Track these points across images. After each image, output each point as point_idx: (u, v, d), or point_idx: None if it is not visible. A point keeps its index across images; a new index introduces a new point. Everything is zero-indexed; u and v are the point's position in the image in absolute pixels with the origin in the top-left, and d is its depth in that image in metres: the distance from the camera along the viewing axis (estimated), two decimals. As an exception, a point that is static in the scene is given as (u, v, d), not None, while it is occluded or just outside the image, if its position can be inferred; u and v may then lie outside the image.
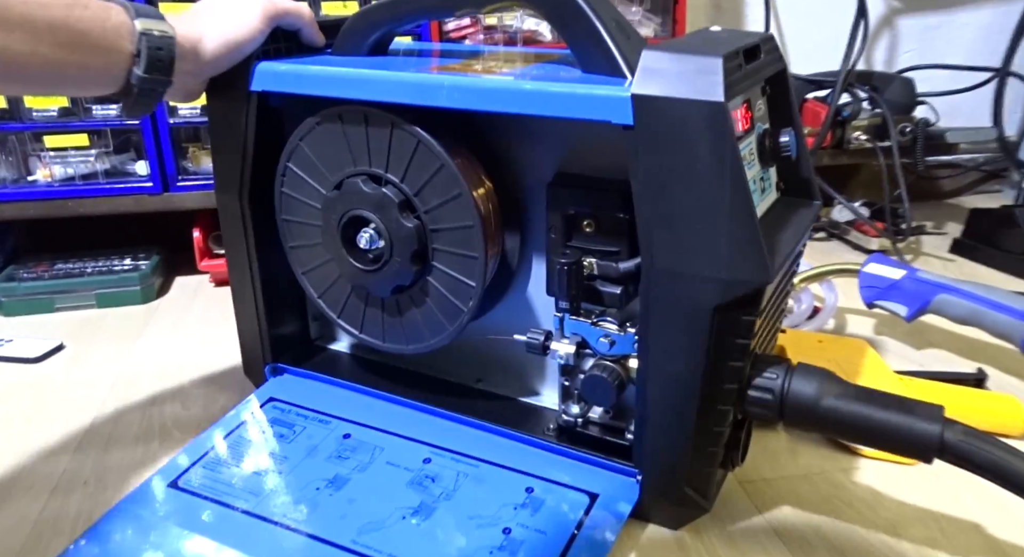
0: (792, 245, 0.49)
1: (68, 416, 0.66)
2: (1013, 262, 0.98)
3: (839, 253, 1.08)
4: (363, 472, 0.55)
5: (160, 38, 0.49)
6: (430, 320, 0.57)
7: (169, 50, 0.49)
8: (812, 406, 0.46)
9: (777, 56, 0.53)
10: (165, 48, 0.49)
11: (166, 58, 0.49)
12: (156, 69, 0.49)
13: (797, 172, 0.55)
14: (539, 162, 0.54)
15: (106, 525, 0.51)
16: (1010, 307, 0.66)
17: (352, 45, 0.57)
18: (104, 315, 0.87)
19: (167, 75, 0.50)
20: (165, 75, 0.50)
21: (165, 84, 0.50)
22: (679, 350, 0.46)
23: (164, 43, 0.49)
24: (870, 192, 1.21)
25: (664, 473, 0.50)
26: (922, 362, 0.75)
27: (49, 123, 0.86)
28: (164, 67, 0.49)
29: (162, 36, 0.49)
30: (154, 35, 0.48)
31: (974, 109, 1.22)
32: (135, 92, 0.49)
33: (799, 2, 1.21)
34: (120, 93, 0.50)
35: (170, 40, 0.49)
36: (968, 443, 0.43)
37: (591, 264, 0.51)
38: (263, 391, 0.65)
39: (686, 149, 0.42)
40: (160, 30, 0.49)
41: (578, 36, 0.48)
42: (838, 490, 0.56)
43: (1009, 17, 1.18)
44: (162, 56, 0.49)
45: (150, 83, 0.49)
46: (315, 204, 0.58)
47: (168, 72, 0.50)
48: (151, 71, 0.49)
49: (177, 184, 0.89)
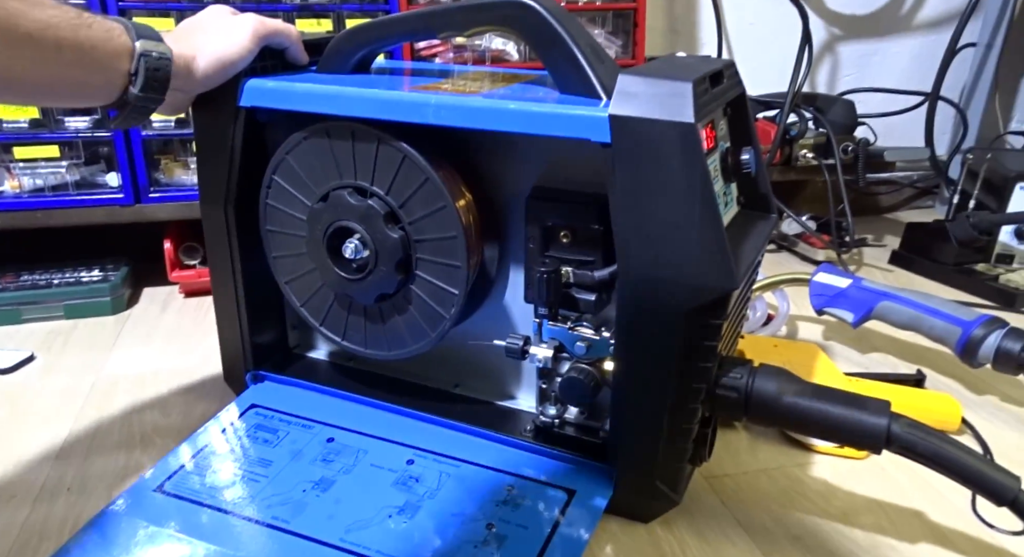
0: (754, 254, 0.53)
1: (45, 425, 0.66)
2: (945, 272, 1.05)
3: (789, 264, 1.14)
4: (348, 474, 0.57)
5: (158, 59, 0.50)
6: (412, 327, 0.60)
7: (165, 70, 0.51)
8: (774, 403, 0.50)
9: (737, 80, 0.57)
10: (162, 69, 0.51)
11: (162, 78, 0.51)
12: (152, 88, 0.51)
13: (756, 187, 0.60)
14: (518, 176, 0.57)
15: (93, 531, 0.51)
16: (946, 313, 0.72)
17: (337, 63, 0.60)
18: (73, 326, 0.87)
19: (161, 93, 0.52)
20: (159, 93, 0.52)
21: (158, 101, 0.52)
22: (652, 352, 0.50)
23: (161, 64, 0.51)
24: (816, 206, 1.28)
25: (637, 469, 0.54)
26: (867, 364, 0.81)
27: (19, 134, 0.85)
28: (159, 86, 0.51)
29: (160, 57, 0.51)
30: (152, 56, 0.50)
31: (908, 130, 1.30)
32: (129, 108, 0.51)
33: (749, 28, 1.28)
34: (114, 106, 0.52)
35: (167, 61, 0.51)
36: (913, 434, 0.47)
37: (568, 273, 0.54)
38: (245, 398, 0.66)
39: (660, 165, 0.46)
40: (159, 51, 0.51)
41: (557, 60, 0.51)
42: (795, 483, 0.60)
43: (938, 45, 1.27)
44: (158, 76, 0.51)
45: (144, 101, 0.51)
46: (300, 215, 0.60)
47: (162, 90, 0.51)
48: (147, 90, 0.51)
49: (149, 196, 0.89)
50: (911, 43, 1.37)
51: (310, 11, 0.89)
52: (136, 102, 0.51)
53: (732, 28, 1.27)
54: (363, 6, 0.91)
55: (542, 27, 0.50)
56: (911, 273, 1.10)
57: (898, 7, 1.34)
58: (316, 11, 0.90)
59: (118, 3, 0.84)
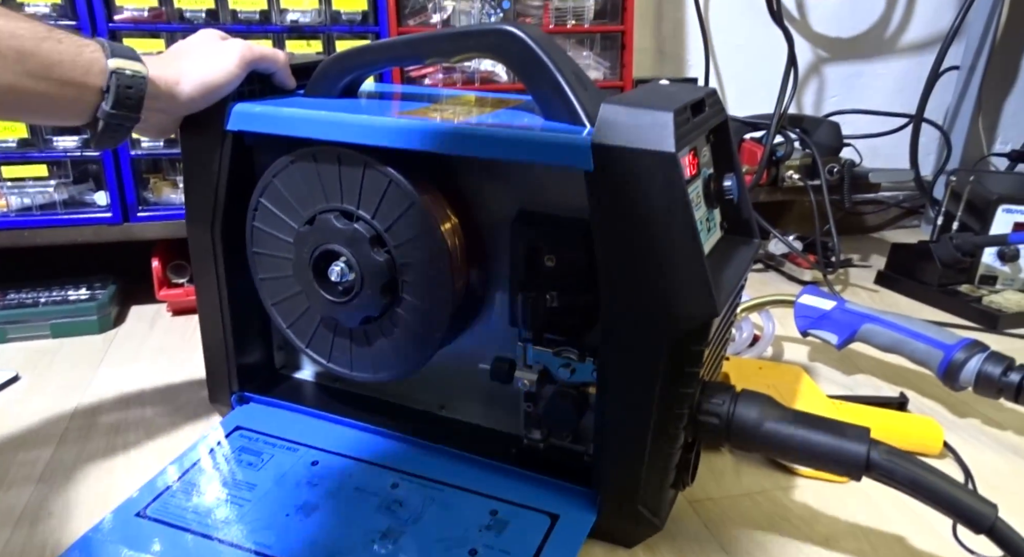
0: (736, 280, 0.54)
1: (29, 447, 0.66)
2: (929, 293, 1.06)
3: (775, 284, 1.15)
4: (332, 498, 0.57)
5: (131, 77, 0.51)
6: (398, 349, 0.60)
7: (139, 89, 0.51)
8: (755, 429, 0.50)
9: (719, 108, 0.58)
10: (135, 87, 0.51)
11: (135, 96, 0.51)
12: (124, 106, 0.51)
13: (739, 213, 0.60)
14: (504, 200, 0.57)
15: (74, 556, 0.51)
16: (928, 337, 0.72)
17: (325, 87, 0.60)
18: (60, 345, 0.86)
19: (135, 112, 0.52)
20: (133, 112, 0.52)
21: (132, 120, 0.52)
22: (635, 378, 0.50)
23: (134, 82, 0.51)
24: (803, 226, 1.29)
25: (620, 493, 0.54)
26: (852, 386, 0.81)
27: (8, 154, 0.85)
28: (132, 105, 0.51)
29: (134, 75, 0.51)
30: (125, 74, 0.50)
31: (892, 151, 1.32)
32: (100, 126, 0.51)
33: (735, 50, 1.30)
34: (87, 126, 0.52)
35: (141, 80, 0.51)
36: (891, 461, 0.48)
37: (552, 297, 0.55)
38: (229, 419, 0.66)
39: (641, 194, 0.46)
40: (133, 69, 0.51)
41: (541, 87, 0.52)
42: (778, 507, 0.61)
43: (922, 67, 1.28)
44: (131, 94, 0.51)
45: (117, 119, 0.51)
46: (286, 238, 0.60)
47: (136, 109, 0.52)
48: (118, 107, 0.51)
49: (137, 214, 0.90)
50: (896, 66, 1.39)
51: (300, 33, 0.90)
52: (108, 119, 0.51)
53: (719, 50, 1.29)
54: (353, 28, 0.92)
55: (527, 55, 0.51)
56: (896, 293, 1.11)
57: (883, 30, 1.36)
58: (306, 33, 0.90)
59: (108, 24, 0.84)
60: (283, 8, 0.89)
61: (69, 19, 0.83)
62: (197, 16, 0.86)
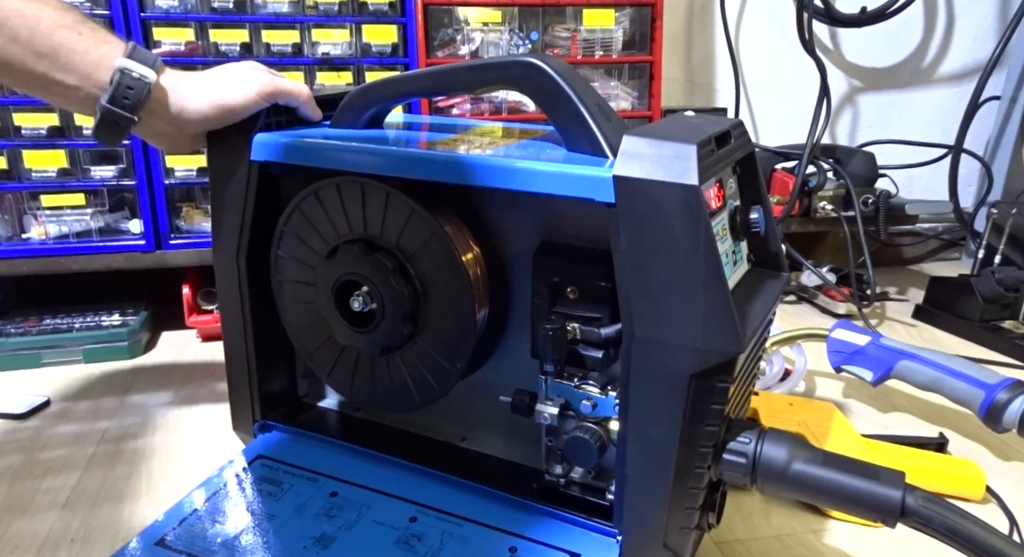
0: (762, 315, 0.52)
1: (55, 473, 0.67)
2: (970, 329, 1.03)
3: (808, 316, 1.12)
4: (350, 531, 0.56)
5: (135, 79, 0.52)
6: (419, 380, 0.59)
7: (139, 91, 0.52)
8: (782, 471, 0.49)
9: (746, 140, 0.57)
10: (136, 89, 0.52)
11: (133, 98, 0.52)
12: (120, 104, 0.52)
13: (766, 246, 0.59)
14: (526, 231, 0.57)
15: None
16: (968, 375, 0.70)
17: (350, 119, 0.61)
18: (91, 370, 0.88)
19: (131, 113, 0.53)
20: (129, 112, 0.53)
21: (128, 120, 0.53)
22: (657, 414, 0.49)
23: (136, 84, 0.52)
24: (836, 258, 1.27)
25: (643, 533, 0.52)
26: (887, 425, 0.78)
27: (47, 183, 0.88)
28: (129, 106, 0.53)
29: (139, 78, 0.52)
30: (131, 75, 0.52)
31: (931, 182, 1.29)
32: (97, 119, 0.53)
33: (767, 79, 1.29)
34: (89, 114, 0.54)
35: (144, 84, 0.53)
36: (928, 509, 0.45)
37: (574, 329, 0.54)
38: (251, 448, 0.66)
39: (663, 227, 0.45)
40: (140, 73, 0.52)
41: (564, 118, 0.52)
42: (809, 551, 0.58)
43: (959, 97, 1.26)
44: (130, 95, 0.52)
45: (112, 115, 0.53)
46: (310, 267, 0.60)
47: (132, 110, 0.53)
48: (114, 104, 0.52)
49: (170, 242, 0.91)
50: (933, 95, 1.36)
51: (331, 65, 0.92)
52: (104, 114, 0.52)
53: (750, 80, 1.28)
54: (383, 60, 0.93)
55: (550, 87, 0.51)
56: (935, 328, 1.08)
57: (919, 60, 1.34)
58: (337, 65, 0.92)
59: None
60: (315, 41, 0.91)
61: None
62: (232, 50, 0.89)
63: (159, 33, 0.88)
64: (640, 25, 1.06)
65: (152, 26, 0.87)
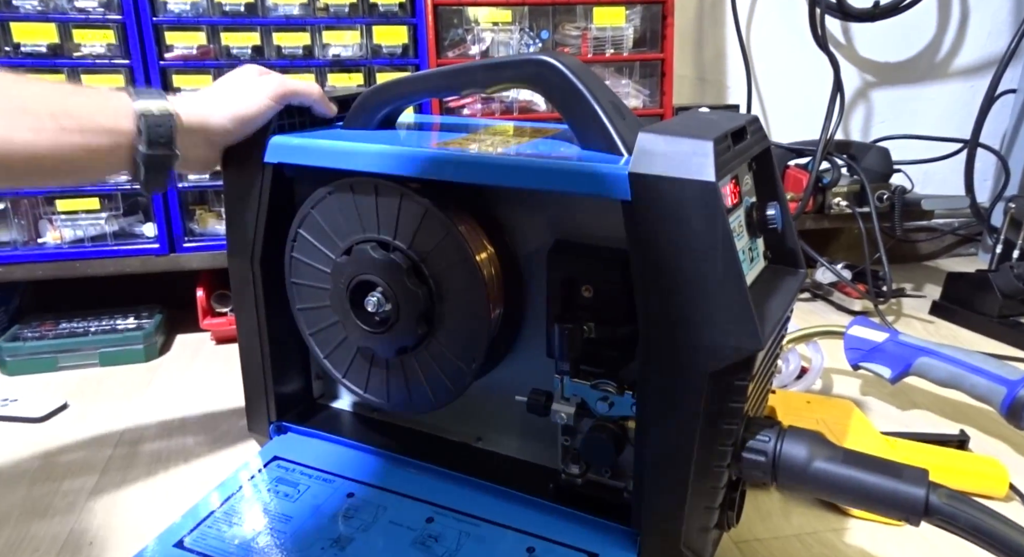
0: (780, 312, 0.52)
1: (74, 476, 0.67)
2: (989, 325, 1.02)
3: (823, 313, 1.11)
4: (367, 532, 0.56)
5: (159, 116, 0.52)
6: (434, 380, 0.59)
7: (168, 125, 0.52)
8: (803, 469, 0.48)
9: (762, 135, 0.57)
10: (164, 124, 0.52)
11: (166, 133, 0.52)
12: (158, 143, 0.52)
13: (783, 242, 0.58)
14: (540, 230, 0.56)
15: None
16: (988, 371, 0.69)
17: (363, 119, 0.61)
18: (107, 373, 0.88)
19: (170, 148, 0.53)
20: (168, 149, 0.53)
21: (171, 157, 0.53)
22: (675, 413, 0.48)
23: (163, 120, 0.52)
24: (851, 254, 1.26)
25: (662, 533, 0.52)
26: (907, 423, 0.77)
27: (63, 188, 0.88)
28: (166, 142, 0.52)
29: (161, 114, 0.52)
30: (153, 113, 0.52)
31: (946, 177, 1.28)
32: (143, 169, 0.52)
33: (779, 75, 1.28)
34: (131, 172, 0.53)
35: (169, 117, 0.52)
36: (952, 506, 0.45)
37: (590, 328, 0.53)
38: (267, 450, 0.66)
39: (680, 224, 0.45)
40: (160, 109, 0.52)
41: (578, 116, 0.51)
42: (830, 550, 0.58)
43: (974, 92, 1.25)
44: (162, 132, 0.52)
45: (156, 158, 0.52)
46: (324, 268, 0.60)
47: (170, 146, 0.53)
48: (153, 147, 0.52)
49: (184, 245, 0.92)
50: (948, 89, 1.35)
51: (342, 66, 0.92)
52: (148, 161, 0.52)
53: (762, 76, 1.27)
54: (393, 61, 0.93)
55: (564, 85, 0.51)
56: (953, 324, 1.07)
57: (933, 55, 1.33)
58: (348, 66, 0.92)
59: (160, 63, 0.87)
60: (326, 43, 0.91)
61: (122, 58, 0.87)
62: (243, 53, 0.89)
63: (171, 37, 0.88)
64: (651, 23, 1.05)
65: (164, 30, 0.88)
